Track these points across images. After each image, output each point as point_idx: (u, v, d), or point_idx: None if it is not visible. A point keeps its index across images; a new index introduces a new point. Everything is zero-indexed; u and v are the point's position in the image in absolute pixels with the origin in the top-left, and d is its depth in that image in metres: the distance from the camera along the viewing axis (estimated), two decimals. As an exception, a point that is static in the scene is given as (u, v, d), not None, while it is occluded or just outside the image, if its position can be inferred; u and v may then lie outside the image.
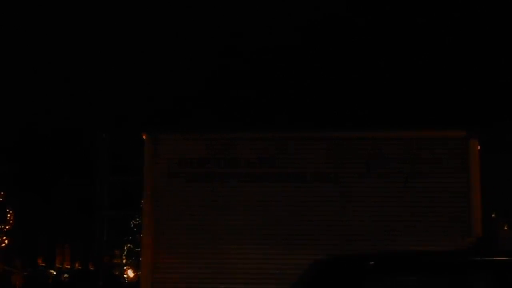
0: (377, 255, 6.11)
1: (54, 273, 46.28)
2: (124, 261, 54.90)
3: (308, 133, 11.33)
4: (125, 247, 53.97)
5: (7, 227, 36.51)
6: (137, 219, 42.35)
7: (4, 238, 36.59)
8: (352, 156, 10.98)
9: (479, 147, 10.97)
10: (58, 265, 51.33)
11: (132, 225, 48.48)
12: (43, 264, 48.69)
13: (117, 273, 48.30)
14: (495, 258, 5.93)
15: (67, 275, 42.87)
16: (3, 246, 37.09)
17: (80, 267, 53.23)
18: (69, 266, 53.69)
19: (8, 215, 36.42)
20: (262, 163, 11.04)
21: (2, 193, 36.43)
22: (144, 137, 11.27)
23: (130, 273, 51.64)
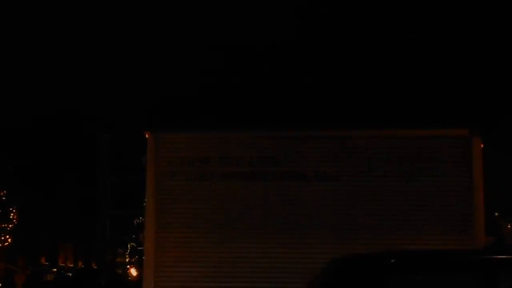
0: (398, 253, 6.10)
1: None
2: (127, 260, 54.87)
3: (309, 132, 11.30)
4: (129, 246, 53.95)
5: (10, 225, 36.50)
6: (140, 218, 42.32)
7: (7, 236, 36.58)
8: (353, 154, 10.96)
9: (482, 146, 10.93)
10: (61, 264, 51.41)
11: (135, 223, 48.46)
12: (46, 263, 48.77)
13: (120, 271, 48.25)
14: None
15: (70, 274, 42.84)
16: (6, 245, 37.10)
17: (82, 266, 53.31)
18: (72, 265, 53.79)
19: (11, 214, 36.41)
20: (263, 162, 11.03)
21: (4, 192, 36.45)
22: (146, 136, 11.26)
23: (133, 271, 51.60)
